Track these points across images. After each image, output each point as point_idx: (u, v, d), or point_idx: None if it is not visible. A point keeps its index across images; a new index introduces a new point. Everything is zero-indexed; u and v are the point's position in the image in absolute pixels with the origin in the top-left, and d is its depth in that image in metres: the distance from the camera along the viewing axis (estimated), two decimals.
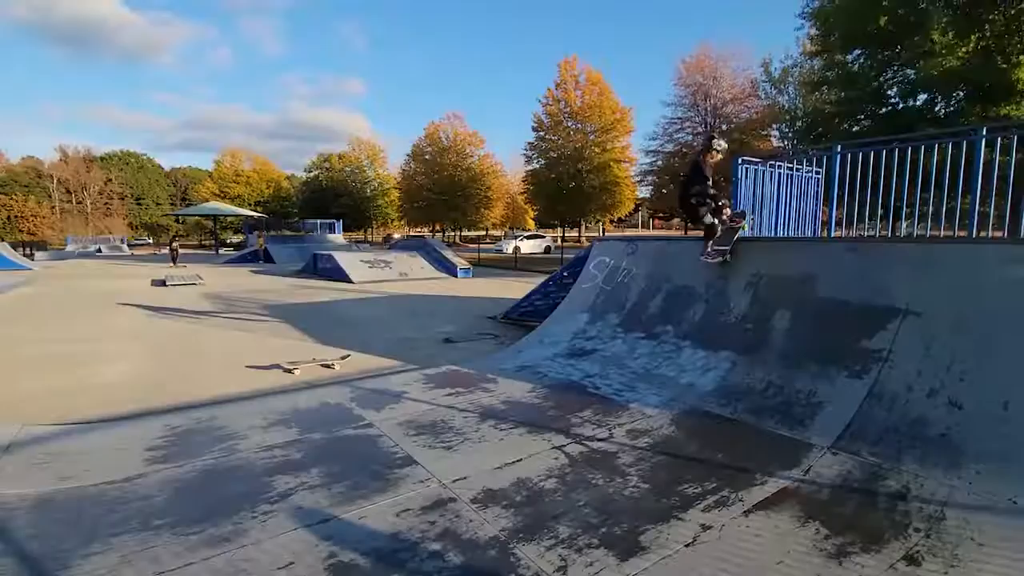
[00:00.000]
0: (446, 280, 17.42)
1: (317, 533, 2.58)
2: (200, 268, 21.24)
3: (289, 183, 65.40)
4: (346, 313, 10.56)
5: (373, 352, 6.90)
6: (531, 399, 4.61)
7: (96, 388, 5.40)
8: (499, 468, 3.25)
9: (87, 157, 62.25)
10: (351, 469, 3.27)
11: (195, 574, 2.26)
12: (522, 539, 2.50)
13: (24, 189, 55.99)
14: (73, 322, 9.46)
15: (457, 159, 44.85)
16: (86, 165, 60.89)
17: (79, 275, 19.13)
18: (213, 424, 4.09)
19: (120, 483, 3.10)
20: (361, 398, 4.69)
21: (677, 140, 35.33)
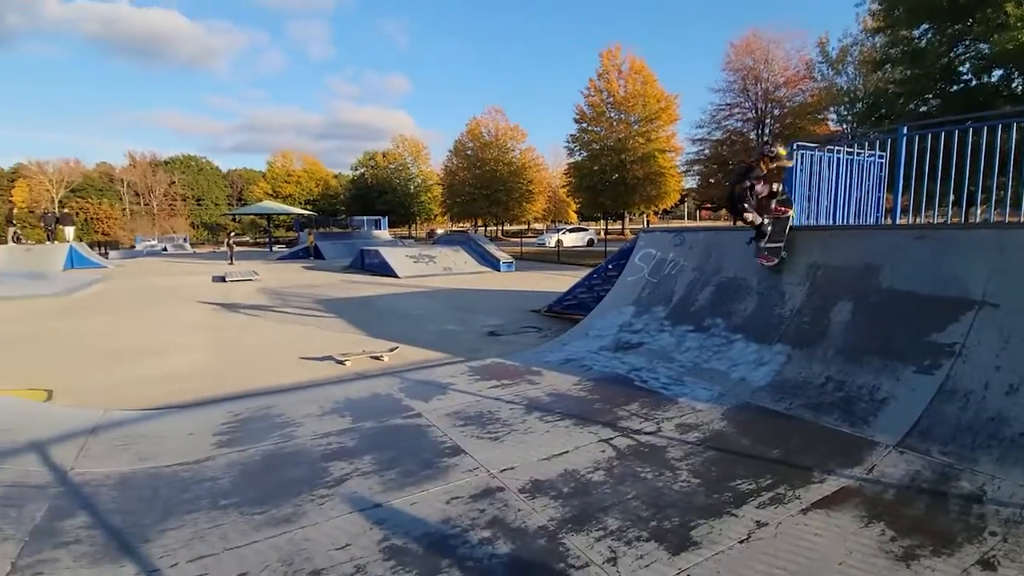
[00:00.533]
0: (489, 274, 17.56)
1: (371, 517, 2.67)
2: (256, 264, 22.28)
3: (337, 181, 67.44)
4: (393, 307, 10.83)
5: (419, 345, 7.06)
6: (577, 392, 4.59)
7: (167, 377, 5.78)
8: (546, 459, 3.27)
9: (152, 161, 66.26)
10: (402, 457, 3.37)
11: (260, 551, 2.40)
12: (571, 530, 2.51)
13: (99, 193, 60.26)
14: (144, 316, 10.14)
15: (498, 153, 44.94)
16: (152, 169, 64.81)
17: (147, 272, 20.47)
18: (272, 412, 4.30)
19: (191, 465, 3.32)
20: (409, 389, 4.81)
21: (725, 127, 34.06)
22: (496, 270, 18.15)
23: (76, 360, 6.62)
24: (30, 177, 57.46)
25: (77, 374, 5.91)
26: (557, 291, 10.33)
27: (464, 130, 46.49)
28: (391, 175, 56.81)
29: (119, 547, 2.42)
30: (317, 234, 29.31)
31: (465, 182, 45.43)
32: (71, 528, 2.55)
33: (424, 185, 56.34)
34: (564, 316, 8.66)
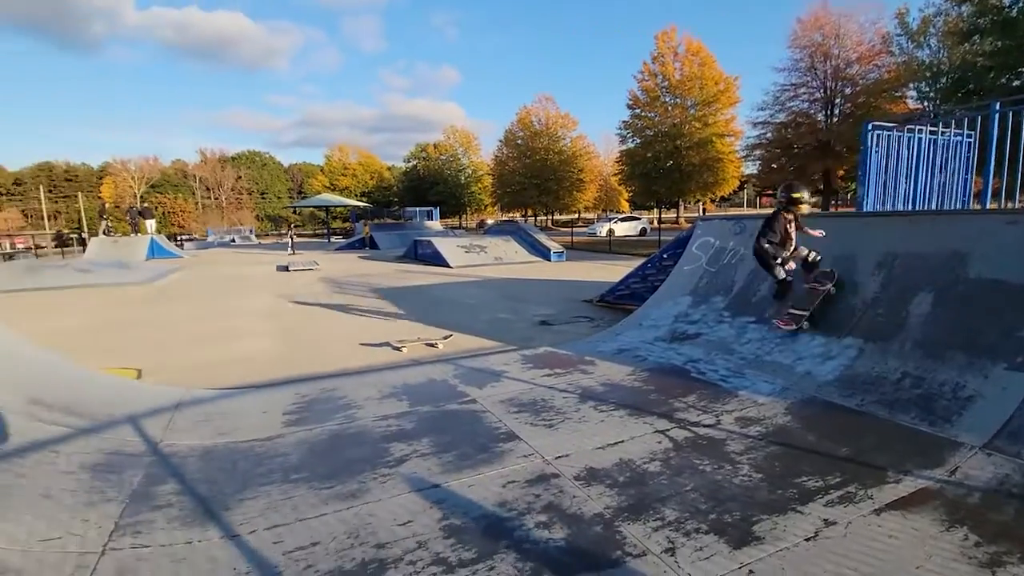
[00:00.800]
0: (540, 264, 17.56)
1: (430, 497, 2.77)
2: (316, 254, 23.30)
3: (390, 174, 69.23)
4: (445, 296, 11.05)
5: (472, 333, 7.18)
6: (631, 382, 4.54)
7: (239, 360, 6.18)
8: (600, 448, 3.26)
9: (221, 157, 70.48)
10: (458, 441, 3.46)
11: (328, 523, 2.54)
12: (627, 518, 2.50)
13: (174, 188, 64.79)
14: (217, 303, 10.86)
15: (549, 142, 44.61)
16: (220, 165, 68.94)
17: (218, 262, 21.85)
18: (335, 394, 4.52)
19: (263, 441, 3.55)
20: (464, 375, 4.91)
21: (790, 109, 32.12)
22: (547, 260, 18.11)
23: (160, 343, 7.19)
24: (115, 174, 62.52)
25: (161, 355, 6.42)
26: (609, 281, 10.20)
27: (514, 119, 46.48)
28: (442, 166, 57.67)
29: (204, 513, 2.64)
30: (372, 225, 30.27)
31: (515, 172, 45.44)
32: (163, 493, 2.80)
33: (474, 175, 56.86)
34: (616, 306, 8.54)
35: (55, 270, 16.32)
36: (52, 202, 59.66)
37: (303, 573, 2.16)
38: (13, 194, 61.38)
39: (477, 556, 2.24)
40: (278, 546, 2.36)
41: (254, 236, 45.27)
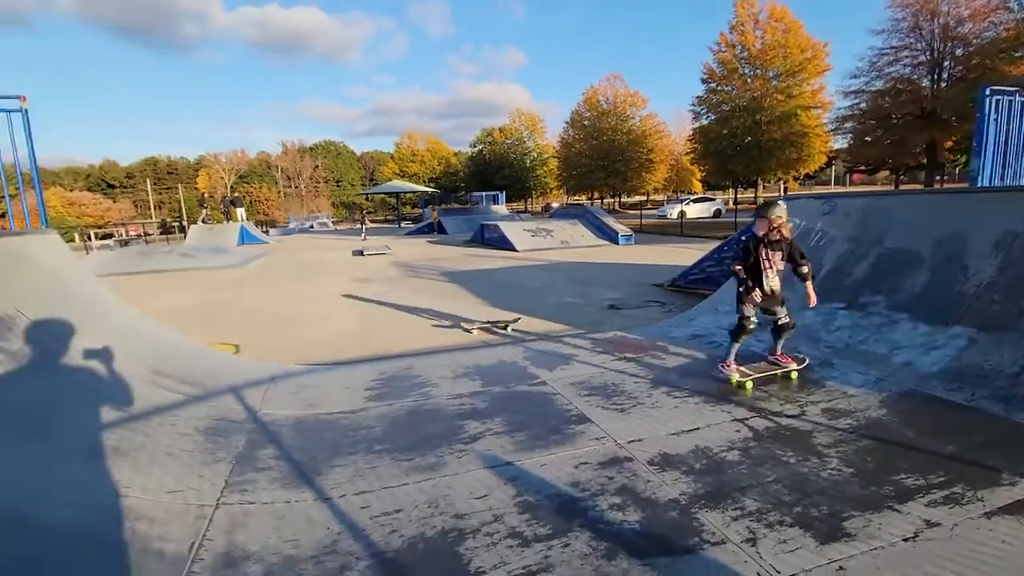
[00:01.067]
0: (607, 247, 17.26)
1: (504, 473, 2.85)
2: (387, 240, 24.23)
3: (457, 159, 70.27)
4: (513, 279, 11.15)
5: (540, 316, 7.22)
6: (704, 368, 4.40)
7: (323, 338, 6.60)
8: (675, 434, 3.20)
9: (300, 148, 74.51)
10: (530, 421, 3.52)
11: (410, 493, 2.69)
12: (704, 506, 2.45)
13: (259, 178, 69.42)
14: (301, 285, 11.62)
15: (617, 122, 43.29)
16: (300, 155, 72.93)
17: (299, 248, 23.28)
18: (411, 372, 4.72)
19: (348, 414, 3.79)
20: (533, 358, 4.97)
21: (889, 75, 28.95)
22: (614, 243, 17.77)
23: (252, 321, 7.82)
24: (209, 167, 67.94)
25: (254, 332, 6.98)
26: (680, 265, 9.86)
27: (580, 100, 45.39)
28: (508, 150, 57.71)
29: (300, 476, 2.87)
30: (440, 210, 30.97)
31: (581, 154, 44.58)
32: (264, 457, 3.08)
33: (540, 159, 56.44)
34: (689, 291, 8.25)
35: (162, 255, 18.11)
36: (157, 193, 65.98)
37: (389, 537, 2.31)
38: (125, 187, 68.39)
39: (552, 532, 2.29)
40: (365, 511, 2.53)
41: (330, 222, 47.70)
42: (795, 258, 3.86)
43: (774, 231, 3.76)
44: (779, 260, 3.84)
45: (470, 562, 2.13)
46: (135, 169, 70.06)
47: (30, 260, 3.97)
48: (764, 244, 3.80)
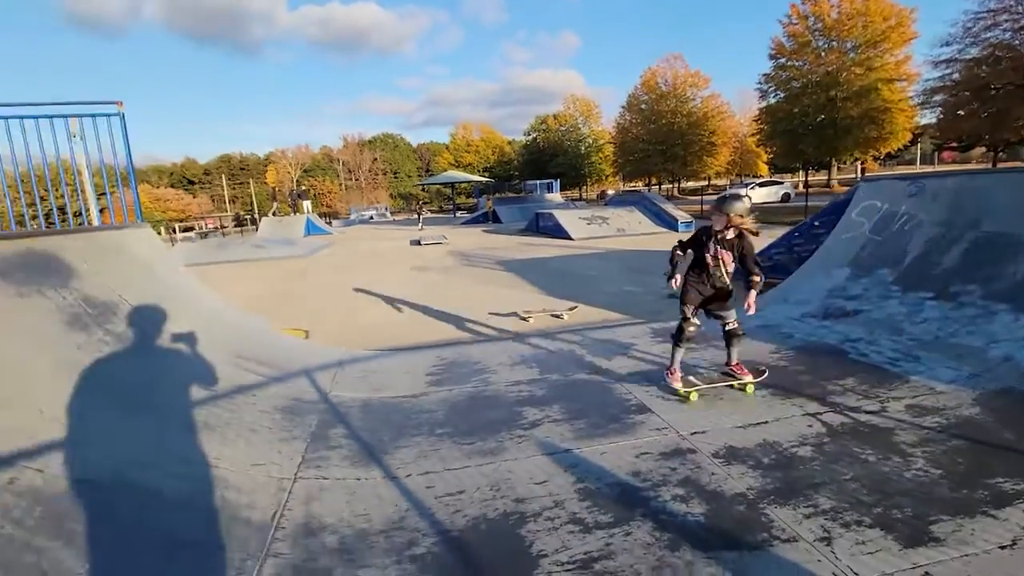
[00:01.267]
0: (666, 235, 16.77)
1: (563, 460, 2.86)
2: (443, 229, 24.70)
3: (511, 148, 70.30)
4: (568, 268, 11.09)
5: (597, 305, 7.15)
6: (774, 360, 4.20)
7: (385, 324, 6.85)
8: (741, 427, 3.09)
9: (360, 142, 77.07)
10: (588, 409, 3.51)
11: (472, 475, 2.76)
12: (774, 502, 2.36)
13: (322, 172, 72.51)
14: (363, 273, 12.08)
15: (676, 104, 41.70)
16: (359, 148, 75.47)
17: (360, 238, 24.18)
18: (470, 359, 4.82)
19: (411, 398, 3.93)
20: (591, 346, 4.93)
21: (986, 41, 26.06)
22: (674, 230, 17.24)
23: (319, 308, 8.23)
24: (276, 162, 71.66)
25: (321, 319, 7.35)
26: None
27: (638, 83, 44.07)
28: (562, 137, 57.06)
29: (368, 455, 3.02)
30: (495, 199, 31.17)
31: (638, 138, 43.36)
32: (335, 436, 3.25)
33: (595, 145, 55.40)
34: None
35: (237, 246, 19.37)
36: (231, 188, 70.44)
37: (453, 516, 2.39)
38: (203, 183, 73.49)
39: (613, 520, 2.29)
40: (430, 490, 2.62)
41: (389, 213, 49.18)
42: (747, 264, 3.42)
43: (730, 229, 3.41)
44: (729, 260, 3.48)
45: (532, 544, 2.16)
46: (211, 166, 75.06)
47: (128, 251, 4.37)
48: (716, 240, 3.48)
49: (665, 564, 2.00)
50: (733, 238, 3.42)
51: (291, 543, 2.19)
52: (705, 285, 3.61)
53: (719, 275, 3.53)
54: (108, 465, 2.25)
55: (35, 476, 1.95)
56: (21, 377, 2.39)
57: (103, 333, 3.11)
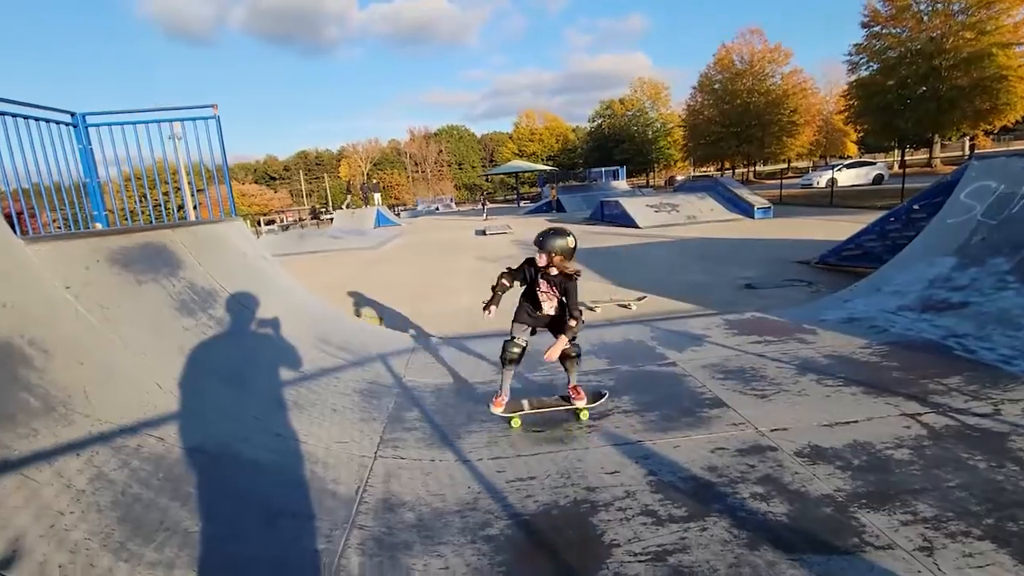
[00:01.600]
0: (741, 222, 15.94)
1: (634, 452, 2.82)
2: (507, 219, 24.86)
3: (575, 135, 69.34)
4: (635, 257, 10.83)
5: (667, 295, 6.94)
6: (865, 356, 3.91)
7: (453, 312, 7.02)
8: (827, 426, 2.91)
9: (426, 134, 78.94)
10: (660, 401, 3.44)
11: (542, 462, 2.79)
12: (865, 506, 2.21)
13: (390, 164, 75.04)
14: (431, 263, 12.44)
15: (753, 82, 39.20)
16: (425, 141, 77.33)
17: (427, 228, 24.86)
18: (537, 349, 4.83)
19: (480, 384, 4.02)
20: (661, 338, 4.81)
21: None
22: (749, 217, 16.34)
23: (391, 296, 8.57)
24: (348, 157, 74.93)
25: (394, 307, 7.65)
26: (830, 240, 8.77)
27: (710, 61, 41.84)
28: (628, 122, 55.48)
29: (441, 438, 3.13)
30: (558, 188, 30.92)
31: (711, 120, 41.25)
32: (410, 419, 3.40)
33: (663, 129, 53.43)
34: (842, 269, 7.34)
35: (314, 238, 20.52)
36: (307, 182, 74.65)
37: (524, 501, 2.43)
38: (283, 178, 78.34)
39: (688, 515, 2.23)
40: (501, 475, 2.68)
41: (454, 204, 50.15)
42: (568, 306, 3.18)
43: (551, 267, 3.15)
44: (554, 294, 3.28)
45: (603, 534, 2.16)
46: (290, 162, 79.77)
47: (225, 243, 4.76)
48: (542, 275, 3.26)
49: (744, 562, 1.94)
50: (557, 275, 3.20)
51: (373, 517, 2.32)
52: (536, 314, 3.40)
53: (548, 306, 3.34)
54: (215, 436, 2.49)
55: (157, 443, 2.19)
56: (142, 356, 2.68)
57: (206, 318, 3.42)
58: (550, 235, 3.16)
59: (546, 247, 3.12)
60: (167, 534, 1.82)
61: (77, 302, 2.59)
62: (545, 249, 3.13)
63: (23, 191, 4.48)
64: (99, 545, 1.64)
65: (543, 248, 3.14)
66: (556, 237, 3.14)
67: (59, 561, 1.52)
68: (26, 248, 2.61)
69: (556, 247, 3.11)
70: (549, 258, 3.13)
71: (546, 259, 3.15)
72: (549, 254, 3.12)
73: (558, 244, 3.11)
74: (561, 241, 3.13)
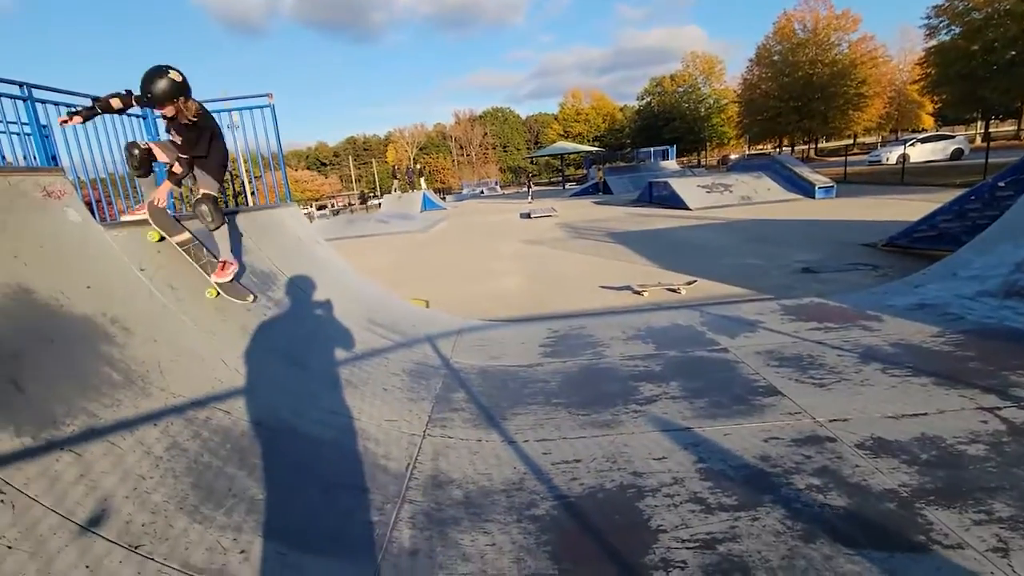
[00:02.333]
0: (800, 202, 15.14)
1: (682, 438, 2.77)
2: (552, 202, 24.63)
3: (622, 114, 67.48)
4: (685, 239, 10.51)
5: (717, 279, 6.72)
6: (937, 345, 3.65)
7: (498, 295, 7.08)
8: (892, 418, 2.75)
9: (471, 117, 78.85)
10: (710, 388, 3.35)
11: (587, 445, 2.79)
12: (933, 502, 2.08)
13: (436, 149, 75.65)
14: (476, 246, 12.53)
15: (817, 52, 36.70)
16: (470, 124, 77.29)
17: (472, 212, 25.00)
18: (583, 332, 4.82)
19: (525, 367, 4.04)
20: (711, 323, 4.67)
21: None
22: (810, 197, 15.48)
23: (437, 279, 8.72)
24: (395, 142, 76.10)
25: (439, 289, 7.79)
26: (900, 220, 8.20)
27: (769, 31, 39.50)
28: (679, 99, 53.38)
29: (487, 419, 3.18)
30: (605, 169, 30.28)
31: (769, 94, 39.05)
32: (457, 400, 3.47)
33: (717, 106, 51.09)
34: (912, 251, 6.85)
35: (363, 222, 21.07)
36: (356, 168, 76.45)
37: (570, 483, 2.45)
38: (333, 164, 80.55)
39: (738, 504, 2.18)
40: (547, 457, 2.70)
41: (498, 187, 50.11)
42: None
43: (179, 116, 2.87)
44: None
45: (650, 519, 2.15)
46: (339, 148, 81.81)
47: (281, 227, 4.96)
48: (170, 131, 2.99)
49: (798, 554, 1.88)
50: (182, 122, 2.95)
51: (423, 492, 2.40)
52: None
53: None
54: (275, 411, 2.63)
55: (224, 416, 2.34)
56: (210, 335, 2.86)
57: (266, 299, 3.60)
58: (149, 81, 2.71)
59: (157, 96, 2.73)
60: (235, 500, 1.94)
61: (151, 283, 2.78)
62: (157, 99, 2.73)
63: (100, 180, 4.84)
64: (176, 508, 1.78)
65: (156, 100, 2.75)
66: (156, 79, 2.71)
67: (142, 520, 1.66)
68: (105, 234, 2.81)
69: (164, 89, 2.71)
70: (173, 105, 2.79)
71: (171, 108, 2.81)
72: (166, 101, 2.76)
73: (161, 85, 2.71)
74: (163, 81, 2.72)
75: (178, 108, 2.83)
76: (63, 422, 1.78)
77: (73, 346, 2.10)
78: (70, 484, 1.62)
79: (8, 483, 1.49)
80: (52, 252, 2.35)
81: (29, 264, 2.19)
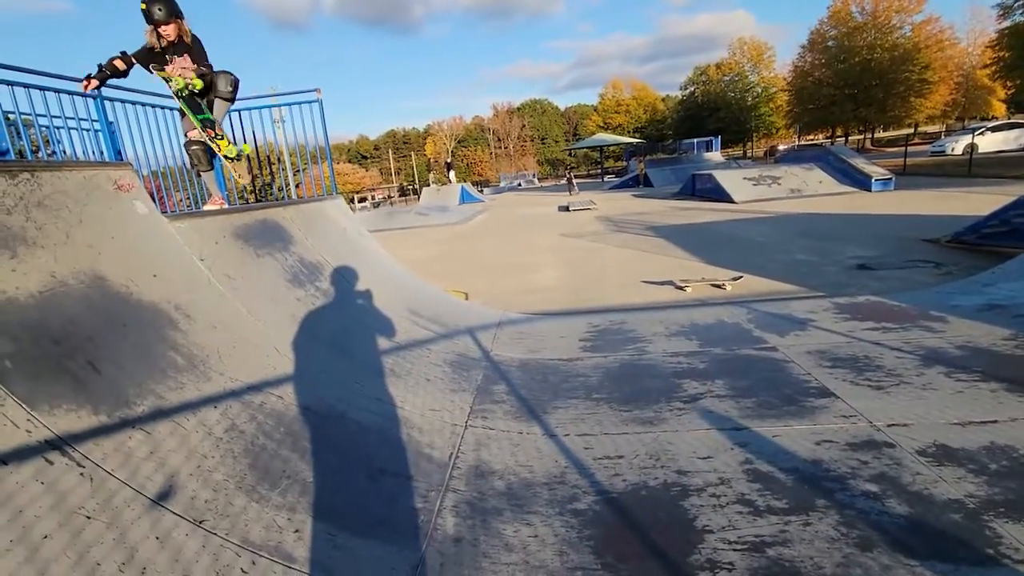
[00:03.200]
0: (855, 195, 14.42)
1: (729, 438, 2.70)
2: (591, 195, 24.33)
3: (664, 105, 65.87)
4: (730, 234, 10.19)
5: (765, 275, 6.49)
6: (1010, 348, 3.42)
7: (537, 289, 7.07)
8: (958, 425, 2.60)
9: (509, 109, 78.61)
10: (758, 387, 3.25)
11: (630, 442, 2.76)
12: (1004, 515, 1.96)
13: (474, 141, 75.87)
14: (514, 239, 12.54)
15: (876, 36, 34.67)
16: (508, 116, 77.08)
17: (510, 205, 24.98)
18: (624, 327, 4.76)
19: (566, 361, 4.03)
20: (759, 320, 4.52)
21: None
22: (866, 190, 14.71)
23: (476, 271, 8.78)
24: (434, 135, 76.79)
25: (478, 282, 7.85)
26: (966, 215, 7.70)
27: (824, 15, 37.58)
28: (724, 88, 51.57)
29: (528, 412, 3.19)
30: (646, 162, 29.65)
31: (822, 82, 37.22)
32: (497, 392, 3.50)
33: (765, 95, 49.07)
34: (982, 248, 6.42)
35: (403, 214, 21.41)
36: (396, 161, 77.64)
37: (612, 479, 2.43)
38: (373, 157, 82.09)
39: (789, 507, 2.12)
40: (588, 451, 2.69)
41: (536, 180, 49.87)
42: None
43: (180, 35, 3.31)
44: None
45: (695, 519, 2.11)
46: (380, 142, 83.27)
47: (327, 219, 5.10)
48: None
49: (854, 563, 1.81)
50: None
51: (465, 482, 2.44)
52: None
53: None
54: (322, 398, 2.72)
55: (277, 401, 2.44)
56: (263, 323, 2.97)
57: (314, 289, 3.72)
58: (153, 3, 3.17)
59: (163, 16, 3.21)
60: (289, 482, 2.03)
61: (210, 273, 2.92)
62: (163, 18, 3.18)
63: (160, 173, 5.12)
64: (235, 486, 1.87)
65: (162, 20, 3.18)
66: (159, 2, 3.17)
67: (205, 497, 1.76)
68: (168, 225, 2.96)
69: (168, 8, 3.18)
70: (175, 23, 3.22)
71: (174, 26, 3.21)
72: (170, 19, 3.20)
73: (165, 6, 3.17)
74: (164, 2, 3.17)
75: (180, 26, 3.26)
76: (134, 402, 1.90)
77: (142, 331, 2.22)
78: (141, 460, 1.72)
79: (87, 457, 1.60)
80: (122, 242, 2.50)
81: (103, 253, 2.33)
